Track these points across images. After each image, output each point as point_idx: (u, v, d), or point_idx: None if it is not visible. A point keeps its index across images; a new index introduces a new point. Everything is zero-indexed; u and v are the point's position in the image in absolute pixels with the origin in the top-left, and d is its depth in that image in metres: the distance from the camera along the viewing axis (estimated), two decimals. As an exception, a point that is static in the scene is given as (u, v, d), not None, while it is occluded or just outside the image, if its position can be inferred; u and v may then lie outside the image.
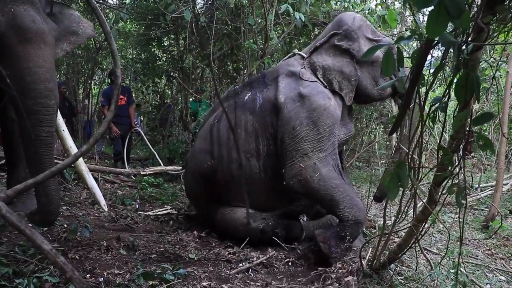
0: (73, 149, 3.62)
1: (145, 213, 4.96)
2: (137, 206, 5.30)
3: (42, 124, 2.90)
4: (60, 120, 3.58)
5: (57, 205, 3.13)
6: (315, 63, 4.12)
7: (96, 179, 5.89)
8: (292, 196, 4.08)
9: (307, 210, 4.36)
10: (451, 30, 2.08)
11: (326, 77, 4.07)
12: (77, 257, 3.26)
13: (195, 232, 4.29)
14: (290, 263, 3.66)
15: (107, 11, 9.76)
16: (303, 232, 4.16)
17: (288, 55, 4.69)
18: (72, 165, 3.46)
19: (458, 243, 2.58)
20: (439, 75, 2.16)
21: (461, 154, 2.27)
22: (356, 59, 4.10)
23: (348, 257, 3.56)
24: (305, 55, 4.23)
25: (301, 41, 8.04)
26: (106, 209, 3.98)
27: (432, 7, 1.29)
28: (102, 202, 3.79)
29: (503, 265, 3.82)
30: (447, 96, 2.10)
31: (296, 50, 4.60)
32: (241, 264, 3.55)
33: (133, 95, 10.04)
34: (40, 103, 2.87)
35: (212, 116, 4.49)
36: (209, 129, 4.31)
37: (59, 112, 3.37)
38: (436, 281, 3.11)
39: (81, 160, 3.73)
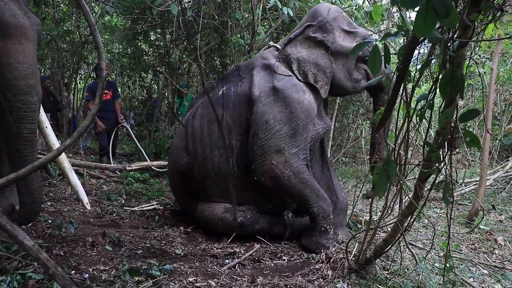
0: (56, 145, 3.55)
1: (131, 209, 4.93)
2: (123, 201, 5.25)
3: (23, 121, 2.85)
4: (44, 117, 3.52)
5: (39, 204, 3.10)
6: (289, 55, 4.07)
7: (81, 175, 5.86)
8: (266, 192, 4.05)
9: (283, 207, 4.34)
10: (437, 26, 2.08)
11: (301, 70, 4.03)
12: (61, 253, 3.22)
13: (181, 227, 4.28)
14: (277, 258, 3.66)
15: (92, 4, 9.66)
16: (286, 229, 4.14)
17: (265, 47, 4.64)
18: (55, 161, 3.42)
19: (443, 237, 2.61)
20: (425, 71, 2.16)
21: (447, 150, 2.28)
22: (330, 51, 4.06)
23: (335, 252, 3.57)
24: (280, 47, 4.19)
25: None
26: (89, 208, 3.96)
27: (420, 7, 1.29)
28: (85, 200, 3.75)
29: (486, 258, 3.87)
30: (433, 93, 2.11)
31: (271, 42, 4.56)
32: (227, 260, 3.54)
33: (119, 89, 9.96)
34: (21, 100, 2.83)
35: (187, 113, 4.47)
36: (185, 125, 4.28)
37: (42, 109, 3.32)
38: (421, 275, 3.13)
39: (64, 157, 3.68)
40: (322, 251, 3.63)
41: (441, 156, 2.29)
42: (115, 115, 8.05)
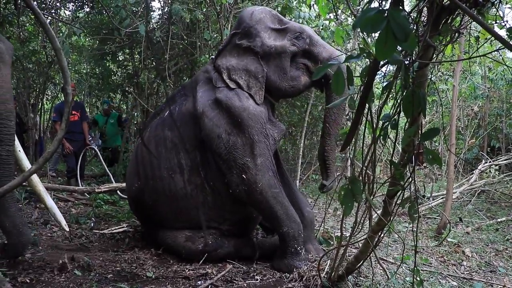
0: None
1: (100, 232, 4.83)
2: (92, 224, 5.15)
3: (2, 144, 2.89)
4: (16, 141, 3.50)
5: (23, 226, 3.13)
6: (219, 66, 3.97)
7: (48, 198, 5.72)
8: (222, 210, 4.00)
9: (244, 226, 4.27)
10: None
11: (232, 78, 3.91)
12: (27, 280, 3.13)
13: (152, 249, 4.22)
14: (249, 278, 3.65)
15: (59, 24, 9.56)
16: (256, 251, 4.05)
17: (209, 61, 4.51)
18: (28, 184, 3.40)
19: (413, 251, 2.66)
20: (389, 91, 2.23)
21: (412, 167, 2.35)
22: (260, 55, 3.94)
23: (307, 270, 3.59)
24: None
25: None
26: (68, 229, 3.91)
27: (380, 31, 1.34)
28: (63, 222, 3.73)
29: (455, 270, 3.96)
30: (397, 112, 2.17)
31: (213, 56, 4.37)
32: (200, 281, 3.51)
33: (87, 110, 9.83)
34: (1, 123, 2.88)
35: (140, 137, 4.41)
36: (135, 149, 4.23)
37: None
38: (392, 290, 3.18)
39: (38, 180, 3.65)
40: (295, 271, 3.60)
41: (407, 172, 2.36)
42: (83, 137, 7.94)
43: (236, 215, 4.09)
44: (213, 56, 4.29)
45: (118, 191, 6.68)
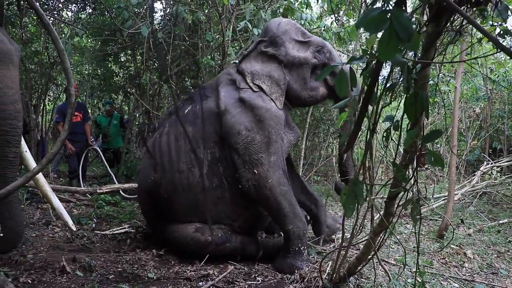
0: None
1: (102, 233, 4.84)
2: (93, 225, 5.16)
3: (10, 145, 2.92)
4: (23, 141, 3.52)
5: (22, 228, 3.13)
6: (244, 70, 4.20)
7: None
8: (238, 206, 4.09)
9: (255, 225, 4.38)
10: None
11: (255, 83, 4.12)
12: (29, 281, 3.13)
13: (153, 250, 4.22)
14: (250, 279, 3.65)
15: (62, 25, 9.58)
16: (259, 250, 4.12)
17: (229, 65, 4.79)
18: (35, 185, 3.43)
19: (415, 253, 2.66)
20: (389, 92, 2.23)
21: (415, 168, 2.35)
22: (283, 63, 4.20)
23: (309, 272, 3.59)
24: None
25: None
26: (75, 229, 4.01)
27: (383, 31, 1.34)
28: (70, 221, 3.83)
29: (456, 272, 3.95)
30: (401, 114, 2.17)
31: (236, 61, 4.75)
32: (201, 282, 3.51)
33: (89, 111, 9.84)
34: (9, 124, 2.92)
35: (156, 133, 4.48)
36: (152, 144, 4.30)
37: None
38: (393, 292, 3.18)
39: (44, 180, 3.70)
40: (296, 272, 3.64)
41: (409, 174, 2.36)
42: (85, 138, 7.96)
43: (250, 212, 4.19)
44: (236, 61, 4.62)
45: (120, 191, 6.69)
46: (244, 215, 4.16)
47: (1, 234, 3.18)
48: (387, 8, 1.34)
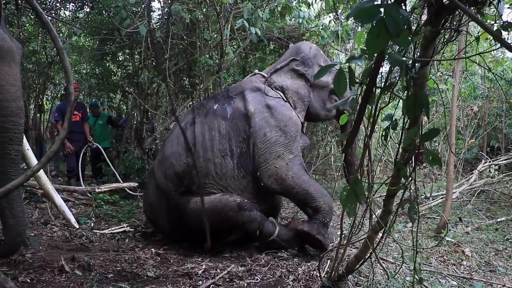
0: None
1: (100, 232, 4.84)
2: (92, 224, 5.16)
3: (12, 142, 2.91)
4: (25, 139, 3.52)
5: (24, 227, 3.12)
6: (275, 82, 4.75)
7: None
8: (262, 194, 4.43)
9: (275, 211, 4.85)
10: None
11: (285, 95, 4.69)
12: (28, 280, 3.13)
13: (152, 249, 4.23)
14: (250, 277, 3.66)
15: (59, 25, 9.56)
16: (276, 228, 4.29)
17: (250, 74, 5.29)
18: (37, 183, 3.43)
19: (413, 251, 2.66)
20: (389, 92, 2.24)
21: (413, 166, 2.35)
22: (310, 83, 4.80)
23: (307, 270, 3.59)
24: (265, 75, 4.85)
25: (256, 55, 8.13)
26: (77, 226, 4.11)
27: (373, 24, 1.34)
28: (72, 219, 3.89)
29: (455, 270, 3.96)
30: (399, 113, 2.18)
31: (256, 71, 5.28)
32: (201, 281, 3.52)
33: (88, 110, 9.82)
34: (12, 121, 2.91)
35: (182, 124, 4.72)
36: (182, 133, 4.42)
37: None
38: (392, 290, 3.18)
39: (46, 179, 3.73)
40: (319, 237, 4.01)
41: (408, 172, 2.36)
42: (84, 137, 7.96)
43: (269, 203, 4.61)
44: (256, 70, 5.34)
45: (127, 189, 6.75)
46: (263, 204, 4.49)
47: (3, 238, 3.20)
48: (384, 3, 1.34)
